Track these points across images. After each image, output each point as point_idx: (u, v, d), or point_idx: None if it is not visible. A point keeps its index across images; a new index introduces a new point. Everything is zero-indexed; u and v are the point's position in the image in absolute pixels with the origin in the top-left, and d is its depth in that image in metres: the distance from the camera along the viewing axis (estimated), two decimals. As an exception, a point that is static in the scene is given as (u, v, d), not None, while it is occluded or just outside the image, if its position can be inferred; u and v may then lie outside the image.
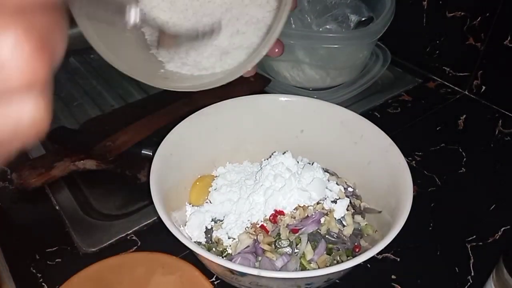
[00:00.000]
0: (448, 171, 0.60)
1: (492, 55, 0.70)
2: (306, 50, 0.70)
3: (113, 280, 0.43)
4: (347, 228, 0.46)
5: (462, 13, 0.71)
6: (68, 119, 0.71)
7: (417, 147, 0.64)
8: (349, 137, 0.52)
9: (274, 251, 0.44)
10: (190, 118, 0.51)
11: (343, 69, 0.74)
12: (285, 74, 0.75)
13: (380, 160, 0.48)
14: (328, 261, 0.43)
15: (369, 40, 0.70)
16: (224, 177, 0.52)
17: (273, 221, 0.45)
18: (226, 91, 0.69)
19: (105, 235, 0.51)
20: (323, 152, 0.54)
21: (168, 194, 0.45)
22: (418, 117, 0.71)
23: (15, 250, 0.49)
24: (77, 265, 0.43)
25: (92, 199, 0.57)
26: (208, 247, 0.46)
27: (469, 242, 0.51)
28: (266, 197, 0.46)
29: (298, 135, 0.55)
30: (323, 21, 0.73)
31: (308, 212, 0.46)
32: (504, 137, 0.67)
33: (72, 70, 0.84)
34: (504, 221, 0.53)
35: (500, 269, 0.36)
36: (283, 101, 0.54)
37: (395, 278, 0.47)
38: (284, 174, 0.47)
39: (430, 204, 0.56)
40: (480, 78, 0.73)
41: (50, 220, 0.53)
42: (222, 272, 0.41)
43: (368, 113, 0.71)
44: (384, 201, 0.46)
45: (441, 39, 0.76)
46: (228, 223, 0.46)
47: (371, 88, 0.75)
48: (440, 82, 0.79)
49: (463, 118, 0.70)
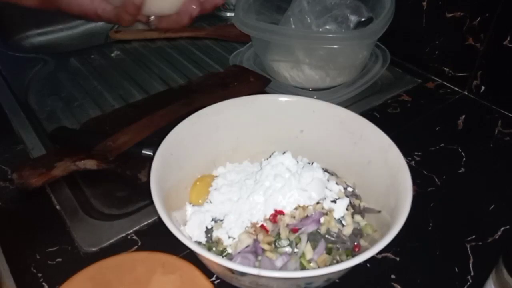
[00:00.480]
0: (448, 171, 0.60)
1: (491, 55, 0.71)
2: (306, 50, 0.70)
3: (113, 279, 0.43)
4: (346, 227, 0.46)
5: (461, 13, 0.71)
6: (69, 119, 0.71)
7: (417, 147, 0.64)
8: (349, 137, 0.52)
9: (274, 250, 0.44)
10: (190, 118, 0.51)
11: (343, 69, 0.74)
12: (285, 74, 0.75)
13: (380, 160, 0.48)
14: (328, 260, 0.44)
15: (368, 41, 0.70)
16: (224, 177, 0.52)
17: (273, 221, 0.45)
18: (226, 91, 0.70)
19: (105, 234, 0.51)
20: (323, 152, 0.54)
21: (168, 194, 0.45)
22: (417, 117, 0.71)
23: (15, 250, 0.49)
24: (77, 265, 0.43)
25: (93, 198, 0.57)
26: (208, 247, 0.46)
27: (469, 242, 0.51)
28: (266, 197, 0.46)
29: (298, 135, 0.55)
30: (323, 22, 0.73)
31: (308, 212, 0.46)
32: (503, 137, 0.67)
33: (72, 70, 0.84)
34: (504, 221, 0.54)
35: (500, 269, 0.36)
36: (283, 101, 0.54)
37: (395, 278, 0.47)
38: (284, 174, 0.47)
39: (430, 204, 0.56)
40: (480, 78, 0.73)
41: (51, 219, 0.53)
42: (222, 272, 0.41)
43: (368, 113, 0.71)
44: (384, 201, 0.46)
45: (440, 39, 0.77)
46: (228, 223, 0.46)
47: (371, 88, 0.76)
48: (439, 82, 0.79)
49: (462, 118, 0.70)
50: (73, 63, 0.86)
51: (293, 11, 0.72)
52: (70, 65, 0.86)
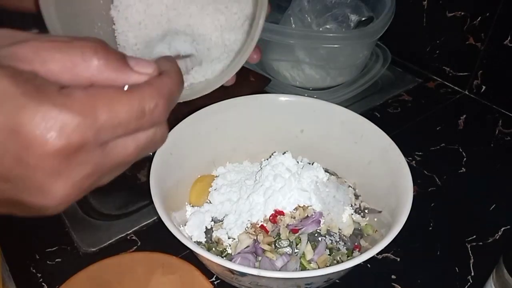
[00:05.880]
0: (448, 171, 0.60)
1: (492, 55, 0.70)
2: (306, 50, 0.70)
3: (113, 280, 0.43)
4: (347, 228, 0.46)
5: (462, 13, 0.71)
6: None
7: (417, 147, 0.64)
8: (349, 137, 0.52)
9: (274, 251, 0.44)
10: (190, 118, 0.50)
11: (343, 69, 0.74)
12: (285, 74, 0.75)
13: (380, 160, 0.48)
14: (328, 261, 0.43)
15: (369, 40, 0.70)
16: (224, 177, 0.52)
17: (273, 221, 0.45)
18: (226, 91, 0.69)
19: (105, 235, 0.51)
20: (323, 152, 0.54)
21: (168, 194, 0.45)
22: (418, 117, 0.71)
23: (15, 250, 0.49)
24: (77, 265, 0.43)
25: (92, 199, 0.57)
26: (208, 247, 0.46)
27: (469, 242, 0.51)
28: (266, 197, 0.46)
29: (298, 135, 0.55)
30: (323, 21, 0.73)
31: (308, 212, 0.46)
32: (504, 137, 0.67)
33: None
34: (504, 221, 0.53)
35: (500, 269, 0.36)
36: (283, 101, 0.54)
37: (395, 278, 0.47)
38: (284, 174, 0.47)
39: (430, 204, 0.56)
40: (480, 78, 0.73)
41: (50, 220, 0.53)
42: (222, 272, 0.41)
43: (368, 113, 0.71)
44: (384, 201, 0.46)
45: (441, 39, 0.76)
46: (228, 223, 0.46)
47: (371, 88, 0.75)
48: (440, 82, 0.79)
49: (463, 118, 0.70)
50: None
51: (293, 10, 0.72)
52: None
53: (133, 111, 0.22)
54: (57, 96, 0.21)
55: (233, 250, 0.45)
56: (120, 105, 0.22)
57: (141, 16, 0.45)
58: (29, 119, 0.20)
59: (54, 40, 0.22)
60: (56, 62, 0.22)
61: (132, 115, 0.23)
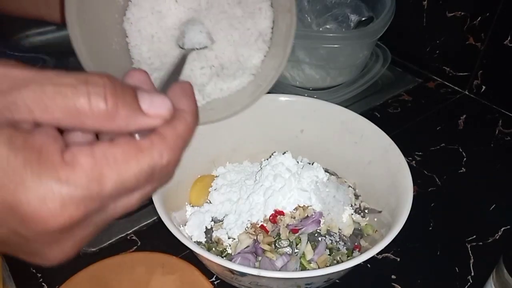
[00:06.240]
0: (448, 171, 0.60)
1: (492, 55, 0.70)
2: (306, 50, 0.70)
3: (113, 280, 0.43)
4: (347, 228, 0.46)
5: (462, 13, 0.71)
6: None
7: (417, 147, 0.64)
8: (349, 137, 0.52)
9: (274, 251, 0.44)
10: (190, 118, 0.50)
11: (343, 69, 0.74)
12: (285, 74, 0.75)
13: (380, 160, 0.48)
14: (328, 261, 0.43)
15: (369, 40, 0.70)
16: (224, 177, 0.52)
17: (273, 221, 0.45)
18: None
19: (105, 235, 0.51)
20: (323, 152, 0.54)
21: (168, 194, 0.45)
22: (418, 117, 0.71)
23: (15, 250, 0.49)
24: (77, 265, 0.43)
25: (92, 199, 0.57)
26: (208, 247, 0.46)
27: (469, 242, 0.51)
28: (266, 197, 0.46)
29: (298, 135, 0.55)
30: (323, 21, 0.73)
31: (308, 212, 0.46)
32: (504, 137, 0.67)
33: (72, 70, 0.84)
34: (504, 221, 0.53)
35: (500, 269, 0.36)
36: (283, 101, 0.54)
37: (395, 278, 0.47)
38: (284, 174, 0.47)
39: (430, 204, 0.56)
40: (480, 78, 0.73)
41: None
42: (222, 272, 0.41)
43: (368, 113, 0.71)
44: (384, 201, 0.46)
45: (441, 39, 0.76)
46: (228, 223, 0.46)
47: (371, 88, 0.75)
48: (440, 82, 0.79)
49: (463, 118, 0.70)
50: (73, 63, 0.86)
51: (293, 11, 0.72)
52: (70, 65, 0.85)
53: (142, 174, 0.21)
54: (60, 168, 0.19)
55: (233, 250, 0.45)
56: (129, 168, 0.20)
57: (154, 28, 0.45)
58: (29, 197, 0.19)
59: (57, 84, 0.20)
60: (60, 109, 0.20)
61: (141, 178, 0.21)
